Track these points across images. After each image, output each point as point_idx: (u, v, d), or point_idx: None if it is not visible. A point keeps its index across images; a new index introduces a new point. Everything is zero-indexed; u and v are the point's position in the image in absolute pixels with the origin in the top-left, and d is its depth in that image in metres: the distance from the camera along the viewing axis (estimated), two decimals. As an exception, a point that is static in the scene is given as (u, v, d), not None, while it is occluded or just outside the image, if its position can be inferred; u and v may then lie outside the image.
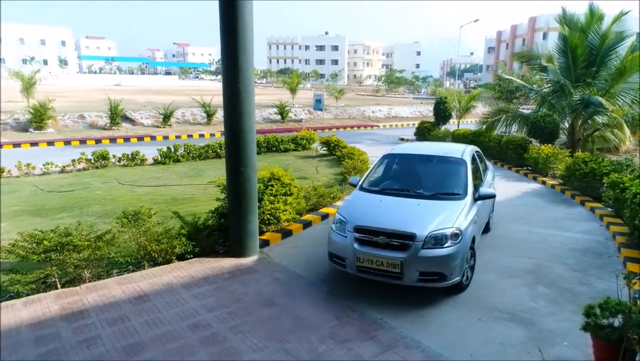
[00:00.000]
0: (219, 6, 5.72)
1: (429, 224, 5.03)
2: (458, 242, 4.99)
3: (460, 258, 4.99)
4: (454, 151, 6.64)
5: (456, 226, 5.06)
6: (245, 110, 5.91)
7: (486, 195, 5.97)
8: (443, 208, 5.36)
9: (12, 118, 20.92)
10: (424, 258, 4.84)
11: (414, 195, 5.77)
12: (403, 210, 5.43)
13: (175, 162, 14.39)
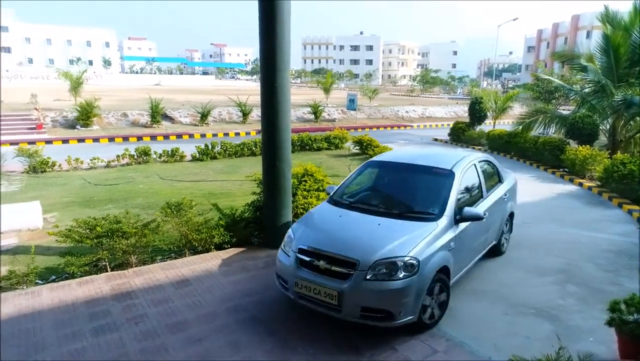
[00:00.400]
0: (258, 7, 6.01)
1: (379, 250, 4.20)
2: (413, 273, 4.11)
3: (415, 293, 4.11)
4: (445, 161, 5.56)
5: (412, 254, 4.16)
6: (281, 109, 6.19)
7: (471, 217, 4.84)
8: (405, 231, 4.48)
9: (61, 116, 22.11)
10: (367, 291, 4.05)
11: (381, 212, 4.91)
12: (357, 230, 4.65)
13: (212, 159, 14.91)
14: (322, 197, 7.43)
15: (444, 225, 4.63)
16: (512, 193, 6.79)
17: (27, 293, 5.02)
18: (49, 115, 21.97)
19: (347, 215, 4.98)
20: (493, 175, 6.45)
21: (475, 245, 5.43)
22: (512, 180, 6.98)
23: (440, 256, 4.42)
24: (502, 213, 6.28)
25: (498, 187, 6.33)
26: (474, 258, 5.55)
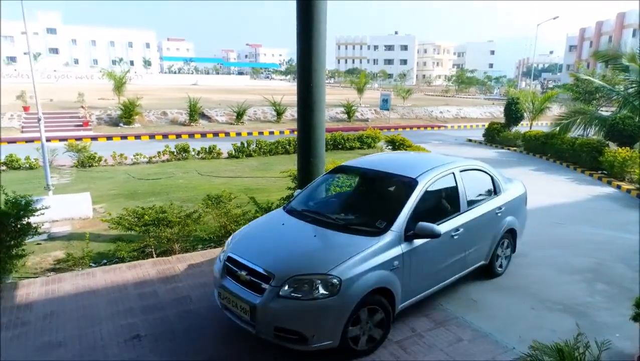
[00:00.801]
0: (296, 8, 6.29)
1: (297, 264, 3.87)
2: (332, 294, 3.67)
3: (334, 316, 3.69)
4: (415, 168, 4.98)
5: (334, 272, 3.72)
6: (316, 108, 6.46)
7: (425, 233, 4.21)
8: (338, 245, 4.10)
9: (105, 114, 23.21)
10: (279, 309, 3.66)
11: (328, 223, 4.48)
12: (289, 241, 4.38)
13: (247, 157, 15.39)
14: (354, 193, 7.67)
15: (387, 241, 4.10)
16: (514, 207, 5.85)
17: (83, 274, 5.50)
18: (94, 113, 23.11)
19: (292, 224, 4.63)
20: (484, 186, 5.67)
21: (442, 265, 4.75)
22: (515, 192, 6.01)
23: (375, 276, 3.90)
24: (493, 229, 5.48)
25: (489, 200, 5.51)
26: (443, 280, 4.85)
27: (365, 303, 3.86)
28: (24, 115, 21.92)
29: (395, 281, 4.12)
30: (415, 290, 4.46)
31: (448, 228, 4.69)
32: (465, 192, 5.09)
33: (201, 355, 3.94)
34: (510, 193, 5.88)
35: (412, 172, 4.83)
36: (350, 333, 3.82)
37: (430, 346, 4.10)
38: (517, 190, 6.12)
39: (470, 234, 5.03)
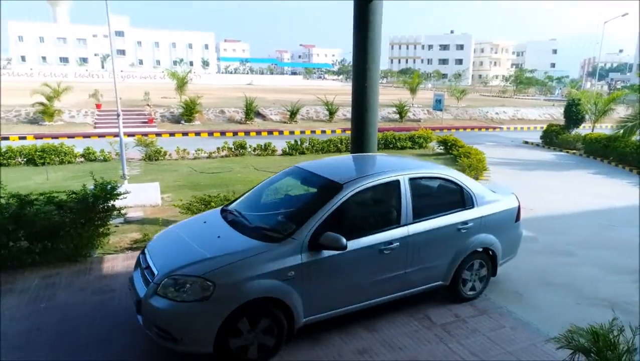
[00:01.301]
0: (353, 10, 6.65)
1: (177, 264, 3.81)
2: (205, 298, 3.56)
3: (205, 321, 3.57)
4: (349, 173, 4.71)
5: (209, 276, 3.61)
6: (370, 106, 6.82)
7: (330, 244, 3.87)
8: (232, 249, 3.93)
9: (168, 112, 24.65)
10: (155, 306, 3.64)
11: (242, 226, 4.33)
12: (194, 241, 4.24)
13: (300, 154, 15.93)
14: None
15: (284, 249, 3.86)
16: (492, 224, 5.05)
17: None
18: (158, 111, 24.61)
19: (212, 224, 4.54)
20: (447, 197, 5.09)
21: (367, 281, 4.30)
22: (498, 207, 5.16)
23: (261, 285, 3.70)
24: (455, 247, 4.81)
25: (452, 213, 4.83)
26: (373, 297, 4.41)
27: (246, 312, 3.68)
28: (96, 112, 23.74)
29: (291, 293, 3.83)
30: (327, 305, 4.15)
31: (375, 241, 4.24)
32: (410, 203, 4.54)
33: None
34: (489, 208, 5.06)
35: (342, 177, 4.48)
36: (233, 344, 3.68)
37: (472, 331, 4.35)
38: (503, 205, 5.24)
39: (414, 250, 4.50)
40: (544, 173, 13.43)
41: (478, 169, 11.46)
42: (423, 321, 4.56)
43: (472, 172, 11.04)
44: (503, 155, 16.67)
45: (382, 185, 4.59)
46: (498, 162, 14.86)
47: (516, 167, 14.37)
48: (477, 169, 11.27)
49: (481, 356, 3.98)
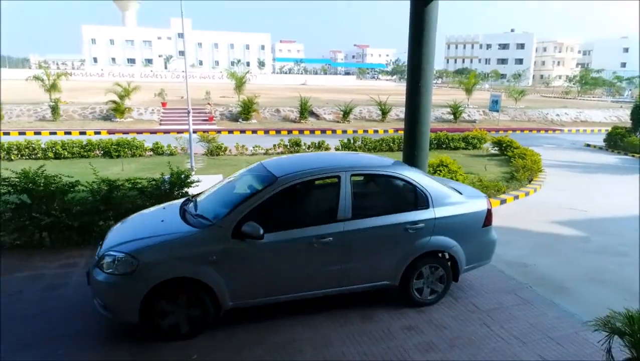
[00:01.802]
0: (409, 12, 6.96)
1: (116, 242, 4.23)
2: (130, 273, 3.93)
3: (130, 293, 3.92)
4: (292, 167, 4.76)
5: (134, 253, 3.99)
6: (423, 105, 7.10)
7: (250, 233, 4.03)
8: (164, 231, 4.31)
9: (227, 111, 25.84)
10: (94, 279, 4.09)
11: (188, 214, 4.60)
12: (143, 224, 4.69)
13: (353, 152, 16.35)
14: (454, 186, 8.14)
15: (210, 235, 4.14)
16: (452, 227, 4.82)
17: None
18: (217, 110, 25.86)
19: (168, 211, 4.83)
20: (398, 196, 5.07)
21: (299, 273, 4.42)
22: (460, 210, 4.92)
23: (184, 265, 4.02)
24: (402, 247, 4.67)
25: (401, 212, 4.72)
26: (308, 289, 4.50)
27: (172, 289, 4.01)
28: (162, 110, 25.33)
29: (213, 276, 4.05)
30: (255, 292, 4.32)
31: (306, 234, 4.32)
32: (349, 199, 4.51)
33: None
34: (448, 210, 4.84)
35: (282, 171, 4.60)
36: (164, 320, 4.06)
37: (515, 317, 4.59)
38: (466, 208, 4.99)
39: (351, 247, 4.49)
40: (604, 177, 13.01)
41: (533, 170, 11.36)
42: (468, 306, 4.84)
43: (525, 173, 10.98)
44: (562, 157, 16.23)
45: (321, 180, 4.81)
46: (556, 164, 14.54)
47: (575, 169, 14.00)
48: (531, 170, 11.18)
49: (522, 339, 4.22)
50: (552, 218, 8.39)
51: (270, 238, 4.18)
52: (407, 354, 3.98)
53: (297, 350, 4.03)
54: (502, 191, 9.67)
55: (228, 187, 5.07)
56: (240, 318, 4.45)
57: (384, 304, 4.82)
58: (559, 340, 4.19)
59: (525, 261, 6.35)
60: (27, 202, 6.25)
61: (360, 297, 4.85)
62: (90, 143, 14.22)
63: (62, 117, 22.97)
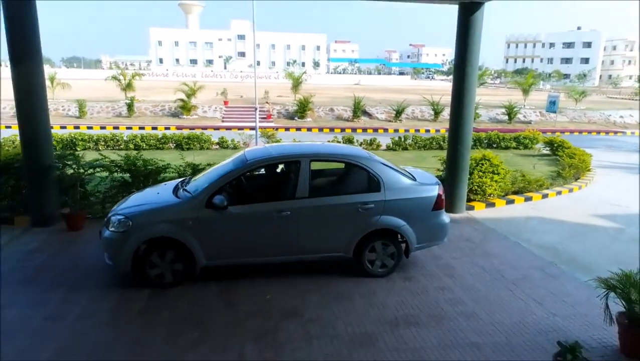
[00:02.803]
0: (457, 20, 7.71)
1: (119, 208, 5.40)
2: (124, 230, 4.95)
3: (125, 246, 4.92)
4: (265, 151, 5.70)
5: (130, 216, 5.03)
6: (467, 104, 7.84)
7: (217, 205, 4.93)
8: (155, 201, 5.36)
9: (284, 109, 27.21)
10: (102, 235, 5.19)
11: (177, 190, 5.55)
12: (145, 196, 5.73)
13: (403, 150, 17.04)
14: (495, 178, 8.78)
15: (188, 205, 5.07)
16: (400, 208, 5.39)
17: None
18: (275, 108, 27.30)
19: (167, 187, 5.87)
20: (352, 180, 5.60)
21: (262, 241, 5.22)
22: (409, 194, 5.47)
23: (164, 227, 4.98)
24: (353, 224, 5.31)
25: (354, 194, 5.37)
26: (269, 255, 5.33)
27: (156, 244, 5.01)
28: (224, 108, 27.10)
29: (190, 237, 5.00)
30: (225, 254, 5.21)
31: (267, 208, 5.14)
32: (307, 180, 5.19)
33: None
34: (397, 193, 5.40)
35: (252, 155, 5.49)
36: (151, 272, 5.05)
37: (537, 286, 5.30)
38: (417, 193, 5.54)
39: (306, 221, 5.19)
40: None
41: (579, 169, 11.62)
42: (496, 276, 5.58)
43: (571, 171, 11.28)
44: (616, 159, 16.05)
45: (284, 164, 5.66)
46: (608, 165, 14.51)
47: (627, 170, 13.91)
48: (577, 169, 11.46)
49: (539, 301, 4.93)
50: (591, 212, 8.78)
51: (237, 210, 5.09)
52: (439, 306, 4.83)
53: (348, 298, 4.99)
54: (544, 187, 10.10)
55: (217, 168, 5.84)
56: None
57: (422, 271, 5.66)
58: (572, 303, 4.86)
59: (557, 247, 6.91)
60: (128, 180, 7.63)
61: (403, 263, 5.71)
62: (164, 137, 15.90)
63: (136, 113, 25.24)
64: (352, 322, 4.47)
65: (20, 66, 6.57)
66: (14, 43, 6.51)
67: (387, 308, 4.75)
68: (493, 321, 4.52)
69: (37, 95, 6.71)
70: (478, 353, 4.00)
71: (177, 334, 4.23)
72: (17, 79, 6.58)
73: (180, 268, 5.16)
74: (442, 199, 5.67)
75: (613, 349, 4.09)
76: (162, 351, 3.98)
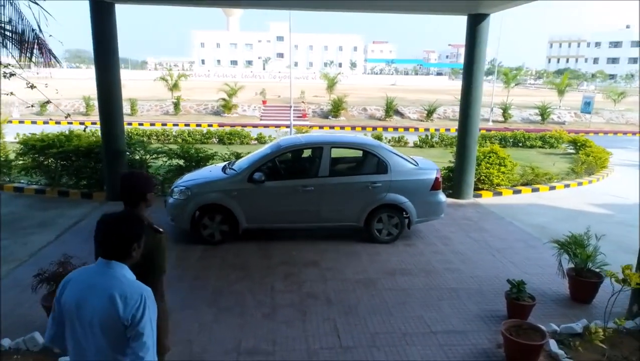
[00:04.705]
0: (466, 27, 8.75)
1: (180, 181, 6.77)
2: (186, 198, 6.29)
3: (185, 211, 6.27)
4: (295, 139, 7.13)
5: (189, 187, 6.38)
6: (473, 101, 8.90)
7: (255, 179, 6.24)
8: (209, 176, 6.78)
9: (319, 108, 28.55)
10: (167, 202, 6.60)
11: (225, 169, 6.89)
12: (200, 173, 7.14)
13: (430, 147, 18.00)
14: (502, 170, 9.75)
15: (234, 179, 6.37)
16: (403, 187, 6.51)
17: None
18: (310, 108, 28.68)
19: (217, 167, 7.26)
20: (366, 164, 6.76)
21: (290, 209, 6.45)
22: (411, 176, 6.62)
23: (215, 195, 6.32)
24: (364, 199, 6.47)
25: (366, 175, 6.56)
26: (297, 221, 6.62)
27: (208, 210, 6.34)
28: (262, 107, 28.74)
29: (234, 204, 6.30)
30: (261, 219, 6.49)
31: (296, 183, 6.40)
32: (328, 162, 6.42)
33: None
34: (401, 175, 6.54)
35: (285, 142, 6.91)
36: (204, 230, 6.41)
37: (517, 253, 6.36)
38: (417, 175, 6.67)
39: (326, 195, 6.42)
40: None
41: (592, 165, 12.30)
42: (484, 245, 6.72)
43: (583, 167, 12.00)
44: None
45: (309, 149, 7.05)
46: (630, 163, 14.93)
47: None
48: (590, 165, 12.18)
49: (515, 263, 6.05)
50: (590, 201, 9.59)
51: (271, 184, 6.38)
52: (430, 263, 6.01)
53: (358, 256, 6.24)
54: (552, 180, 10.93)
55: (257, 152, 7.13)
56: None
57: (422, 240, 6.81)
58: (542, 266, 5.89)
59: (546, 226, 7.86)
60: (182, 165, 9.13)
61: (406, 234, 6.88)
62: (208, 132, 17.57)
63: (182, 111, 27.24)
64: (359, 271, 5.72)
65: (102, 68, 8.13)
66: (97, 47, 7.98)
67: (388, 263, 5.98)
68: (472, 275, 5.66)
69: (114, 93, 8.29)
70: (453, 293, 5.16)
71: (226, 274, 5.61)
72: (100, 79, 8.17)
73: (226, 229, 6.47)
74: (440, 182, 6.82)
75: (565, 296, 5.14)
76: (215, 283, 5.35)
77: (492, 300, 4.99)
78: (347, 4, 8.88)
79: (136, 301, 1.92)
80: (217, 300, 4.94)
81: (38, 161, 9.01)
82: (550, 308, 4.88)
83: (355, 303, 4.88)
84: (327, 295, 5.07)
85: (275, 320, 4.53)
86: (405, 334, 4.31)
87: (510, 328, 3.93)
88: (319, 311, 4.70)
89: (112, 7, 7.96)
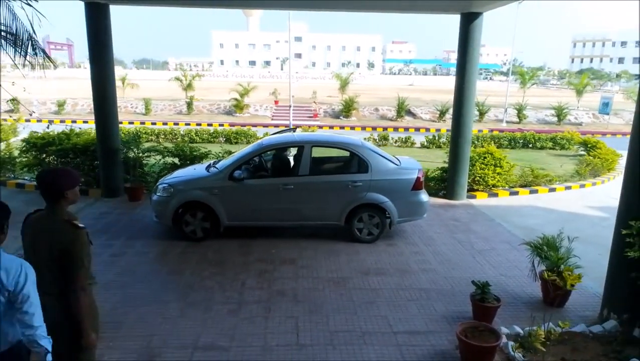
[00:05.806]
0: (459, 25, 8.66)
1: (165, 179, 6.92)
2: (169, 195, 6.42)
3: (167, 208, 6.40)
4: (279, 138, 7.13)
5: (172, 185, 6.53)
6: (466, 100, 8.80)
7: (235, 177, 6.32)
8: (191, 174, 6.88)
9: (330, 109, 28.57)
10: (151, 199, 6.72)
11: (209, 167, 6.94)
12: (184, 171, 7.27)
13: (437, 148, 17.81)
14: (498, 171, 9.60)
15: (215, 177, 6.44)
16: (383, 187, 6.47)
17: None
18: (322, 108, 28.72)
19: (201, 166, 7.40)
20: (346, 164, 6.96)
21: (271, 207, 6.48)
22: (392, 175, 6.56)
23: (197, 193, 6.41)
24: (344, 198, 6.45)
25: (346, 174, 6.60)
26: (278, 220, 6.67)
27: (190, 207, 6.43)
28: (274, 107, 28.91)
29: (215, 202, 6.38)
30: (242, 217, 6.55)
31: (276, 182, 6.47)
32: (308, 161, 6.44)
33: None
34: (382, 175, 6.49)
35: (267, 141, 6.95)
36: (186, 228, 6.52)
37: (498, 255, 6.26)
38: (398, 175, 6.61)
39: (306, 194, 6.42)
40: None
41: (597, 168, 12.02)
42: (466, 246, 6.62)
43: (587, 169, 11.72)
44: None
45: (291, 148, 7.05)
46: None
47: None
48: (595, 167, 11.90)
49: (494, 265, 5.96)
50: (588, 204, 9.37)
51: (252, 182, 6.46)
52: (407, 264, 5.98)
53: (336, 254, 6.25)
54: (553, 181, 10.70)
55: (240, 151, 7.21)
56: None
57: (405, 241, 6.77)
58: (521, 268, 5.75)
59: (535, 228, 7.65)
60: (177, 163, 9.28)
61: (389, 234, 6.85)
62: (216, 131, 17.79)
63: (194, 111, 27.61)
64: (333, 270, 5.74)
65: (96, 68, 8.34)
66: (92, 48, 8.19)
67: (364, 262, 5.97)
68: (447, 276, 5.60)
69: (108, 92, 8.49)
70: (424, 294, 5.13)
71: (202, 269, 5.69)
72: (94, 78, 8.37)
73: (208, 227, 6.58)
74: (421, 181, 6.74)
75: (538, 299, 5.05)
76: (188, 278, 5.44)
77: (462, 301, 4.93)
78: (340, 4, 8.89)
79: (17, 269, 2.21)
80: (187, 294, 5.02)
81: (39, 158, 9.29)
82: (519, 311, 4.80)
83: (321, 302, 4.90)
84: (295, 292, 5.10)
85: (239, 316, 4.58)
86: (365, 333, 4.31)
87: (466, 329, 3.89)
88: (284, 309, 4.74)
89: (107, 8, 8.15)
